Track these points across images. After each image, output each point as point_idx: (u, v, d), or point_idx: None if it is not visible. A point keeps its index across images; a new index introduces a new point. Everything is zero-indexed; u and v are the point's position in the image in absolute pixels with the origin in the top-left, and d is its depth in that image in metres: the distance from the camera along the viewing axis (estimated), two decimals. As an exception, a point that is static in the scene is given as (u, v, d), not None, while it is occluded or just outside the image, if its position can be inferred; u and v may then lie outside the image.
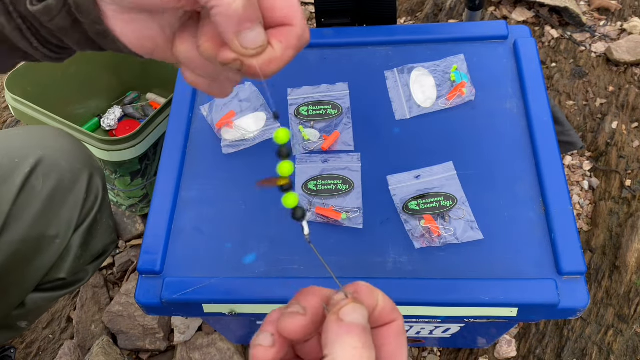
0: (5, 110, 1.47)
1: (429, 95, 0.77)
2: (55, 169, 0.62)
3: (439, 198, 0.67)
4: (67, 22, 0.33)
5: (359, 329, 0.26)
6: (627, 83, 1.31)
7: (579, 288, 0.61)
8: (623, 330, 0.98)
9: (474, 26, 0.84)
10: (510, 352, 0.96)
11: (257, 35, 0.30)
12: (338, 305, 0.27)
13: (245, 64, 0.31)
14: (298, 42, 0.31)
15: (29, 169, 0.60)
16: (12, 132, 0.65)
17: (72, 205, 0.63)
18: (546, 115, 0.73)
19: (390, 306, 0.29)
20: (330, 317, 0.27)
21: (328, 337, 0.26)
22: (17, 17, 0.34)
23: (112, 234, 0.70)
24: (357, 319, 0.27)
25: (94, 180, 0.65)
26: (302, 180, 0.71)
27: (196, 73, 0.35)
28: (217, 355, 0.97)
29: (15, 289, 0.61)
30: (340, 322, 0.26)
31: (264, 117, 0.77)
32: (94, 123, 1.24)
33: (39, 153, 0.61)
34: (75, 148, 0.66)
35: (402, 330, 0.29)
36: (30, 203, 0.59)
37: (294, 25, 0.31)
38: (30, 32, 0.35)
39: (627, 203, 1.12)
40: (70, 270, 0.64)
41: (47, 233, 0.61)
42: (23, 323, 0.67)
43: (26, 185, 0.59)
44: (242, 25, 0.29)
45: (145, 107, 1.28)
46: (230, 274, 0.65)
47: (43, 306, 0.66)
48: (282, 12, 0.31)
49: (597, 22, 1.45)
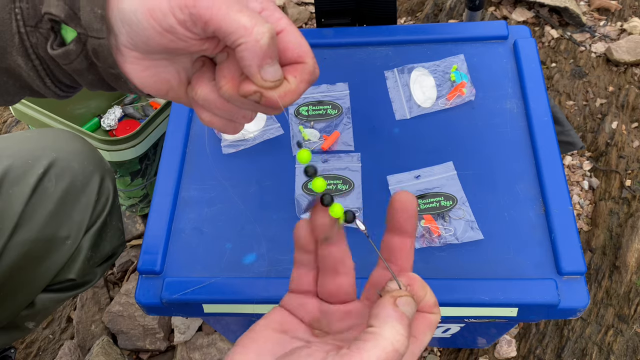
0: (5, 110, 1.47)
1: (429, 95, 0.78)
2: (68, 171, 0.63)
3: (439, 198, 0.67)
4: (84, 65, 0.36)
5: (408, 320, 0.29)
6: (627, 83, 1.31)
7: (579, 288, 0.61)
8: (623, 330, 0.98)
9: (474, 26, 0.84)
10: (510, 352, 0.96)
11: (276, 70, 0.34)
12: (397, 292, 0.31)
13: (264, 96, 0.35)
14: (310, 77, 0.36)
15: (42, 171, 0.61)
16: (25, 134, 0.66)
17: (84, 207, 0.64)
18: (546, 115, 0.73)
19: (433, 301, 0.33)
20: (387, 298, 0.30)
21: (380, 313, 0.29)
22: (35, 58, 0.36)
23: (121, 236, 0.71)
24: (408, 312, 0.30)
25: (105, 183, 0.66)
26: (302, 180, 0.71)
27: (213, 113, 0.38)
28: (217, 355, 0.97)
29: (26, 288, 0.62)
30: (396, 307, 0.29)
31: (264, 117, 0.77)
32: (94, 123, 1.24)
33: (52, 155, 0.62)
34: (87, 151, 0.66)
35: (436, 322, 0.33)
36: (42, 204, 0.60)
37: (306, 63, 0.36)
38: (45, 73, 0.37)
39: (627, 203, 1.12)
40: (80, 271, 0.65)
41: (59, 234, 0.62)
42: (30, 324, 0.67)
43: (39, 186, 0.60)
44: (264, 60, 0.33)
45: (146, 107, 1.28)
46: (230, 274, 0.65)
47: (51, 307, 0.67)
48: (295, 51, 0.35)
49: (597, 22, 1.45)
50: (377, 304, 0.30)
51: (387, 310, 0.29)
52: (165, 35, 0.33)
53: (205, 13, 0.32)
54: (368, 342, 0.28)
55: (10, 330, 0.66)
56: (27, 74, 0.37)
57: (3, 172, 0.59)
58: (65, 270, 0.64)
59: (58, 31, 0.35)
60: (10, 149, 0.62)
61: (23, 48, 0.36)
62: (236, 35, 0.32)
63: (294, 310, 0.36)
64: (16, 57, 0.36)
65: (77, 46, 0.34)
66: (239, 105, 0.37)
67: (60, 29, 0.35)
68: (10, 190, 0.59)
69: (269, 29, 0.32)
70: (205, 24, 0.32)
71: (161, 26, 0.33)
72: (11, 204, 0.58)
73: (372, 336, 0.28)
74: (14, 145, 0.63)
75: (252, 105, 0.37)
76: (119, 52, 0.35)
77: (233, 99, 0.36)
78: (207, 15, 0.32)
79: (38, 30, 0.35)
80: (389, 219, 0.34)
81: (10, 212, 0.58)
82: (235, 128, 0.40)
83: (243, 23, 0.32)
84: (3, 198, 0.58)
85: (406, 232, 0.34)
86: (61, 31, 0.35)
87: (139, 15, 0.32)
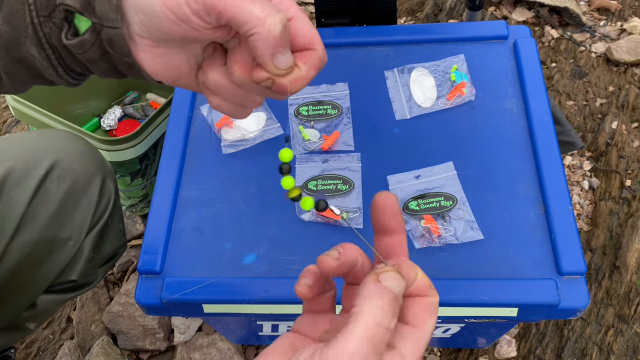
0: (5, 110, 1.47)
1: (429, 95, 0.78)
2: (69, 172, 0.63)
3: (439, 198, 0.67)
4: (97, 54, 0.36)
5: (391, 295, 0.28)
6: (627, 83, 1.31)
7: (579, 288, 0.61)
8: (623, 330, 0.98)
9: (474, 26, 0.84)
10: (510, 352, 0.96)
11: (287, 58, 0.35)
12: (381, 269, 0.29)
13: (276, 82, 0.36)
14: (320, 63, 0.37)
15: (44, 172, 0.61)
16: (26, 136, 0.66)
17: (86, 208, 0.64)
18: (546, 115, 0.73)
19: (427, 283, 0.32)
20: (370, 276, 0.29)
21: (361, 292, 0.28)
22: (48, 47, 0.37)
23: (122, 237, 0.71)
24: (393, 287, 0.28)
25: (106, 184, 0.66)
26: (302, 180, 0.71)
27: (223, 97, 0.39)
28: (217, 355, 0.97)
29: (28, 289, 0.62)
30: (378, 283, 0.28)
31: (264, 117, 0.77)
32: (94, 123, 1.24)
33: (54, 156, 0.62)
34: (89, 152, 0.67)
35: (434, 305, 0.31)
36: (44, 205, 0.60)
37: (316, 49, 0.37)
38: (58, 62, 0.38)
39: (627, 203, 1.12)
40: (82, 272, 0.65)
41: (61, 235, 0.62)
42: (31, 325, 0.67)
43: (41, 187, 0.60)
44: (276, 49, 0.34)
45: (145, 107, 1.28)
46: (230, 274, 0.65)
47: (52, 308, 0.67)
48: (306, 38, 0.36)
49: (597, 22, 1.45)
50: (361, 285, 0.29)
51: (368, 287, 0.28)
52: (179, 24, 0.34)
53: (219, 3, 0.32)
54: (350, 324, 0.27)
55: (11, 331, 0.66)
56: (40, 63, 0.38)
57: (5, 174, 0.59)
58: (67, 271, 0.64)
59: (71, 21, 0.36)
60: (11, 150, 0.62)
61: (37, 38, 0.36)
62: (249, 25, 0.33)
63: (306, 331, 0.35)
64: (30, 47, 0.37)
65: (92, 36, 0.35)
66: (249, 90, 0.38)
67: (73, 19, 0.36)
68: (12, 192, 0.59)
69: (281, 19, 0.33)
70: (218, 14, 0.33)
71: (176, 15, 0.33)
72: (13, 206, 0.58)
73: (354, 316, 0.27)
74: (15, 147, 0.63)
75: (263, 91, 0.38)
76: (131, 40, 0.35)
77: (244, 84, 0.37)
78: (220, 5, 0.33)
79: (51, 20, 0.36)
80: (374, 221, 0.34)
81: (12, 213, 0.58)
82: (244, 112, 0.41)
83: (256, 13, 0.33)
84: (5, 200, 0.58)
85: (394, 230, 0.34)
86: (74, 20, 0.36)
87: (154, 5, 0.33)
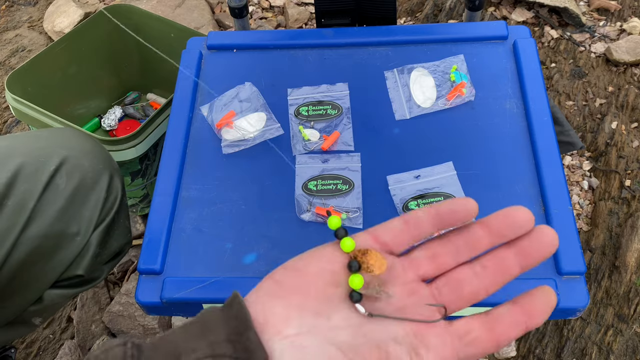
0: (5, 110, 1.47)
1: (429, 96, 0.78)
2: (78, 168, 0.64)
3: (439, 198, 0.68)
4: None
5: None
6: (626, 83, 1.31)
7: (578, 288, 0.61)
8: (623, 330, 0.98)
9: (474, 26, 0.84)
10: (510, 352, 0.96)
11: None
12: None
13: None
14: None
15: (54, 168, 0.62)
16: (36, 134, 0.68)
17: (93, 204, 0.65)
18: (546, 115, 0.73)
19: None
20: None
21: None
22: None
23: (128, 234, 0.73)
24: None
25: (114, 181, 0.68)
26: (302, 180, 0.71)
27: None
28: (217, 355, 0.97)
29: (35, 283, 0.63)
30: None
31: (264, 117, 0.77)
32: (94, 123, 1.24)
33: (63, 153, 0.64)
34: (97, 150, 0.68)
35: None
36: (53, 200, 0.62)
37: None
38: None
39: (627, 203, 1.12)
40: (88, 267, 0.66)
41: (69, 230, 0.63)
42: (37, 320, 0.69)
43: (51, 183, 0.62)
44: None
45: (146, 107, 1.28)
46: (230, 274, 0.65)
47: (58, 303, 0.68)
48: None
49: (597, 22, 1.45)
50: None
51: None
52: None
53: None
54: None
55: (17, 326, 0.67)
56: None
57: (16, 169, 0.60)
58: (74, 266, 0.65)
59: None
60: (22, 147, 0.63)
61: None
62: None
63: (390, 240, 0.36)
64: None
65: None
66: None
67: None
68: (22, 187, 0.60)
69: None
70: None
71: None
72: (24, 200, 0.60)
73: None
74: (26, 144, 0.64)
75: None
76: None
77: None
78: None
79: None
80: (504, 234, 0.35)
81: (23, 208, 0.59)
82: None
83: None
84: (16, 194, 0.59)
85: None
86: None
87: None
